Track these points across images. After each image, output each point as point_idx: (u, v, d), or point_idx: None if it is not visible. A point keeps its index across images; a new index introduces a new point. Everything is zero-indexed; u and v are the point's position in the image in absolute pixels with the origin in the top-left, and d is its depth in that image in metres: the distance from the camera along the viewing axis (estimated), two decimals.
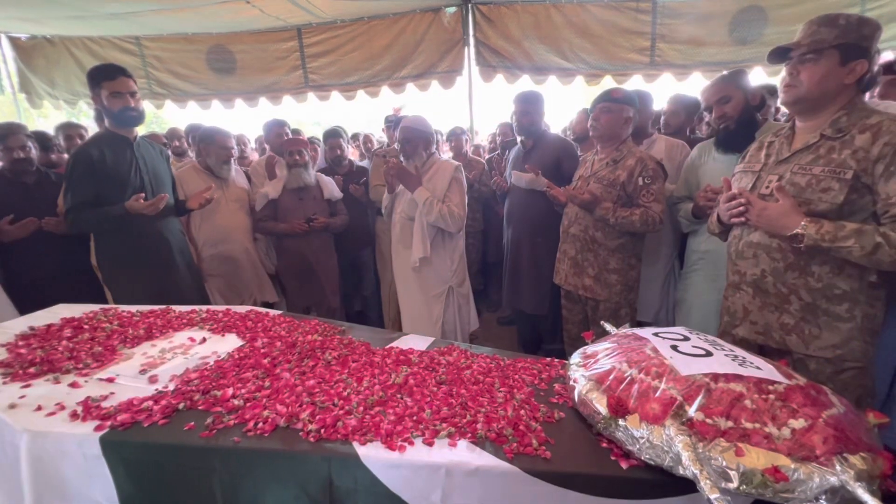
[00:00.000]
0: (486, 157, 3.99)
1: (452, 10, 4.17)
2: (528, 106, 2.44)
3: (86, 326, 1.35)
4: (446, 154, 3.69)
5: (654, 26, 3.94)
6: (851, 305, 1.20)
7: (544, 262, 2.35)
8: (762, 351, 1.36)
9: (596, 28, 4.01)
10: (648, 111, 2.44)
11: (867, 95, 1.92)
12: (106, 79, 1.89)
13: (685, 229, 2.13)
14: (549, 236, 2.31)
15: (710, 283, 1.98)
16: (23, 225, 2.14)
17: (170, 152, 2.71)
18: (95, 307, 1.53)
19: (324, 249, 2.81)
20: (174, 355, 1.22)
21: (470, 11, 4.13)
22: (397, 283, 2.41)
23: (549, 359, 1.30)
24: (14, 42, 4.56)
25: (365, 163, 3.48)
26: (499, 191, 2.69)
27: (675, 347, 1.03)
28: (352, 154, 3.77)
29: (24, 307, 2.13)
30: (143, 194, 1.88)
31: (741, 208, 1.28)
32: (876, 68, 1.19)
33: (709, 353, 0.99)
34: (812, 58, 1.18)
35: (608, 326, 1.35)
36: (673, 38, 3.94)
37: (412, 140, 2.29)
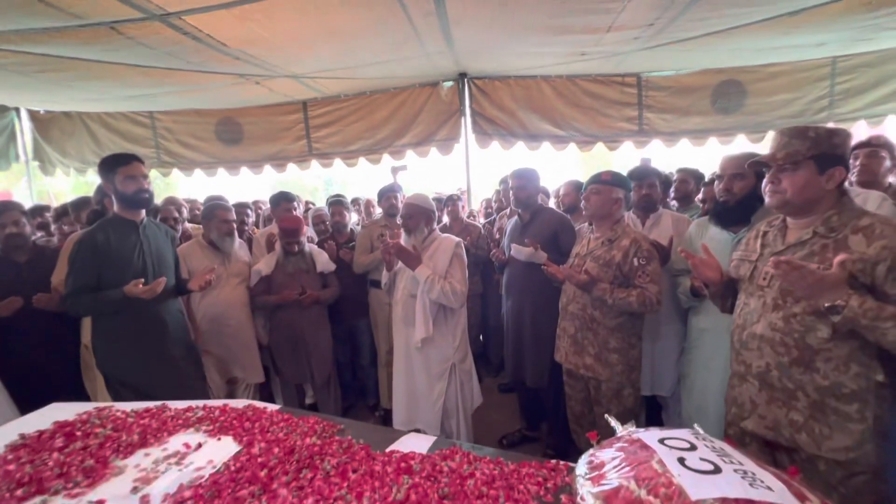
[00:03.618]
0: (482, 221, 4.07)
1: (449, 84, 4.43)
2: (525, 181, 2.54)
3: (78, 433, 1.31)
4: (444, 219, 3.78)
5: (640, 97, 4.18)
6: (862, 406, 1.18)
7: (545, 335, 2.34)
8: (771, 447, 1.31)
9: (585, 100, 4.25)
10: (660, 186, 2.54)
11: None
12: (121, 165, 1.97)
13: (684, 305, 2.14)
14: (549, 309, 2.32)
15: (709, 360, 1.97)
16: (6, 304, 2.16)
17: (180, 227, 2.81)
18: (89, 406, 1.50)
19: (315, 322, 2.80)
20: (168, 467, 1.18)
21: (466, 85, 4.39)
22: (397, 360, 2.37)
23: (554, 462, 1.26)
24: (33, 115, 4.80)
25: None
26: (497, 262, 2.73)
27: (682, 461, 1.00)
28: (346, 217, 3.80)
29: (10, 385, 2.14)
30: (142, 280, 1.90)
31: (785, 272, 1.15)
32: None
33: (717, 469, 0.97)
34: (790, 167, 1.23)
35: (613, 422, 1.32)
36: (659, 108, 4.17)
37: (414, 216, 2.35)
